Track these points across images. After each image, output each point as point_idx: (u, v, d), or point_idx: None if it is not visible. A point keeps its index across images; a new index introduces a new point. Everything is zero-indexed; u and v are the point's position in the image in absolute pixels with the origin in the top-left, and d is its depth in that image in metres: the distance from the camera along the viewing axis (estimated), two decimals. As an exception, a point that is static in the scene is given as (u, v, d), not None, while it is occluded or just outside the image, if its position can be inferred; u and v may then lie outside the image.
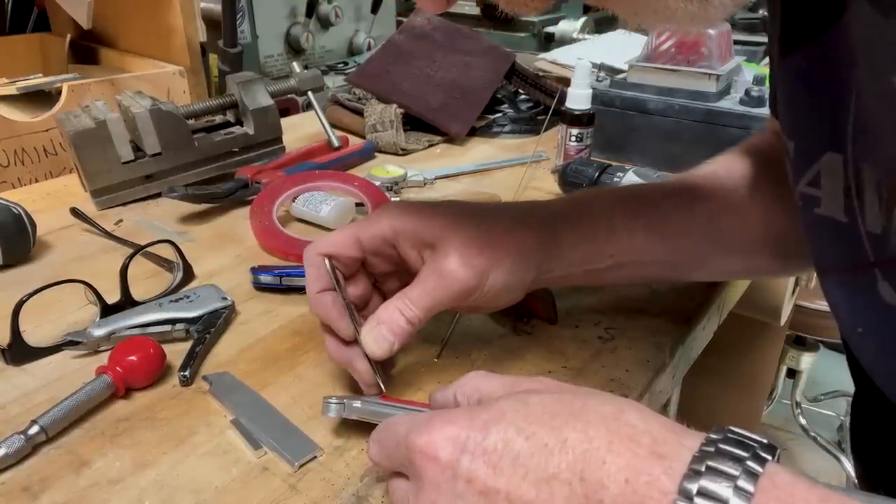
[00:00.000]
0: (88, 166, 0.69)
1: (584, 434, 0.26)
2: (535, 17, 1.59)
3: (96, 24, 0.98)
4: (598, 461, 0.25)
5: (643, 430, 0.26)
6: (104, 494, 0.36)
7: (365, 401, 0.39)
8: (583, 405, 0.27)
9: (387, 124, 0.88)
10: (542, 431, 0.27)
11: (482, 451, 0.27)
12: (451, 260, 0.39)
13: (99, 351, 0.48)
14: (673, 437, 0.25)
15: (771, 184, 0.47)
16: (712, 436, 0.25)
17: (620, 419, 0.26)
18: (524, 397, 0.29)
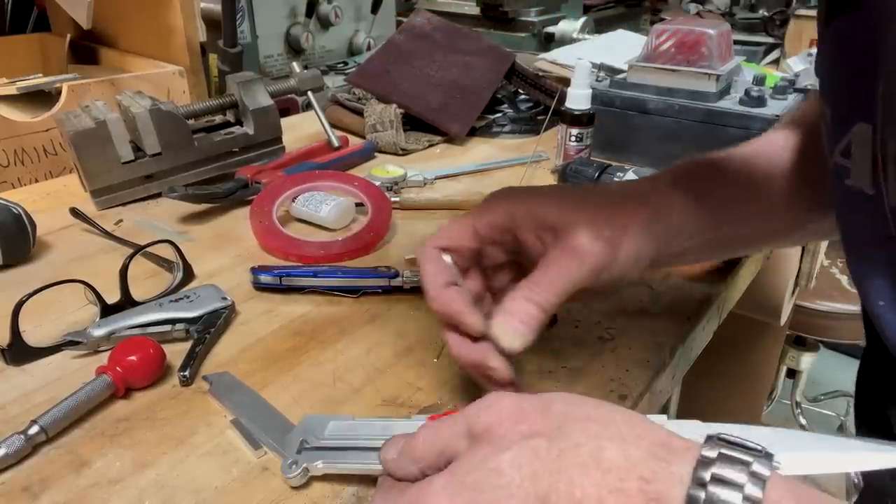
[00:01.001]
0: (88, 166, 0.69)
1: (571, 497, 0.25)
2: (535, 17, 1.59)
3: (96, 24, 0.98)
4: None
5: (627, 470, 0.24)
6: (104, 494, 0.36)
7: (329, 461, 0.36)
8: (559, 454, 0.26)
9: (387, 124, 0.88)
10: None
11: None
12: (582, 235, 0.37)
13: (99, 351, 0.48)
14: (661, 467, 0.24)
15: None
16: (705, 454, 0.24)
17: (601, 462, 0.25)
18: (494, 462, 0.27)
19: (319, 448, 0.37)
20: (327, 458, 0.36)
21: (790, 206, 0.47)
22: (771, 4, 2.03)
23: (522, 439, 0.27)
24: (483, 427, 0.28)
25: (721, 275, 0.59)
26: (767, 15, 1.94)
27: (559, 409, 0.28)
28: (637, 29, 1.79)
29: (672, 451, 0.25)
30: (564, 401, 0.28)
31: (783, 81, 0.79)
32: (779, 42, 1.43)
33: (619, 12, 2.01)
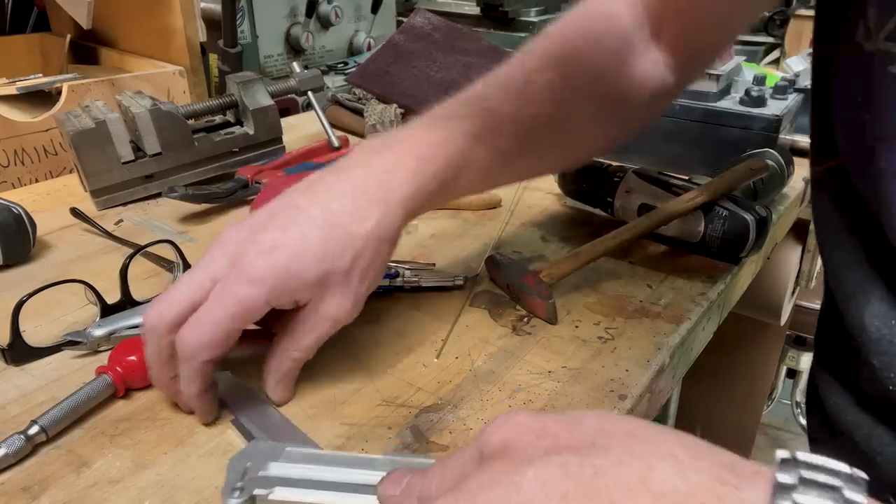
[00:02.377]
0: (88, 166, 0.69)
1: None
2: (535, 17, 1.59)
3: (96, 24, 0.98)
4: None
5: (686, 494, 0.20)
6: (104, 494, 0.36)
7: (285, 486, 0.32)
8: (595, 472, 0.21)
9: (387, 124, 0.88)
10: None
11: None
12: (326, 302, 0.41)
13: (99, 351, 0.48)
14: (729, 493, 0.20)
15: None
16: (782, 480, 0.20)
17: (652, 484, 0.21)
18: (514, 476, 0.22)
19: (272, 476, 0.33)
20: (285, 486, 0.32)
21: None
22: (771, 4, 2.02)
23: (547, 454, 0.23)
24: (498, 444, 0.24)
25: (721, 274, 0.59)
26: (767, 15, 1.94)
27: (591, 424, 0.24)
28: (637, 29, 1.78)
29: (740, 475, 0.21)
30: (597, 416, 0.24)
31: (783, 81, 0.79)
32: (779, 42, 1.43)
33: (619, 12, 2.01)
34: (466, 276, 0.57)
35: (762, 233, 0.58)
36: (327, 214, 0.40)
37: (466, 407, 0.43)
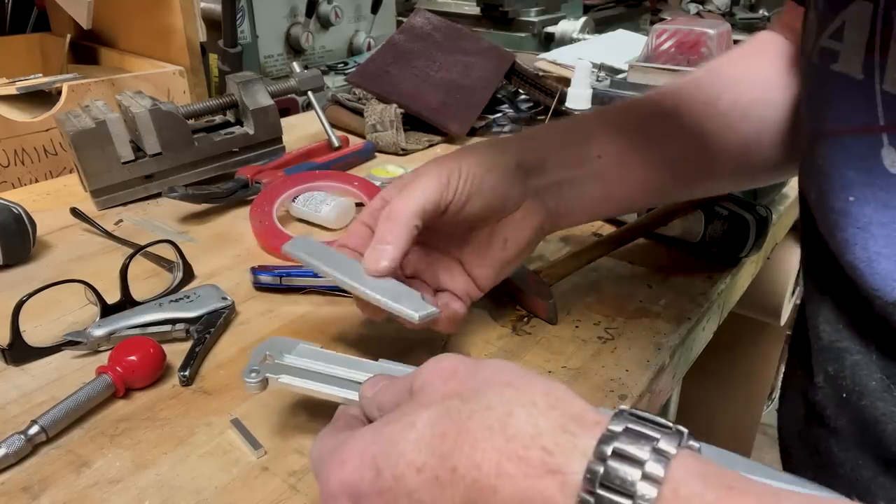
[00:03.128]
0: (88, 166, 0.69)
1: (472, 459, 0.24)
2: (535, 17, 1.59)
3: (96, 24, 0.98)
4: (489, 490, 0.24)
5: (532, 438, 0.24)
6: (104, 494, 0.36)
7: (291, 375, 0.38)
8: (469, 416, 0.26)
9: (387, 124, 0.88)
10: (432, 461, 0.25)
11: (378, 491, 0.27)
12: (423, 166, 0.42)
13: (99, 351, 0.48)
14: (566, 440, 0.24)
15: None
16: (611, 428, 0.23)
17: (508, 428, 0.24)
18: (412, 418, 0.27)
19: (283, 364, 0.38)
20: (290, 374, 0.38)
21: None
22: (771, 4, 2.03)
23: (443, 399, 0.28)
24: (420, 384, 0.29)
25: (721, 274, 0.59)
26: (767, 15, 1.94)
27: (487, 373, 0.28)
28: (637, 29, 1.79)
29: (583, 424, 0.24)
30: (496, 367, 0.28)
31: (783, 81, 0.79)
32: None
33: (619, 12, 2.01)
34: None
35: (762, 233, 0.58)
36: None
37: (466, 407, 0.43)
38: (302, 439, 0.40)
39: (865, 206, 0.34)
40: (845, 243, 0.35)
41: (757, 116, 0.49)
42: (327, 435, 0.32)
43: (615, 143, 0.47)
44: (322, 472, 0.30)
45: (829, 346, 0.39)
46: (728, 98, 0.49)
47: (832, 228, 0.36)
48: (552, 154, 0.46)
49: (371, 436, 0.28)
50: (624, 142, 0.47)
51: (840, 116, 0.36)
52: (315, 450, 0.32)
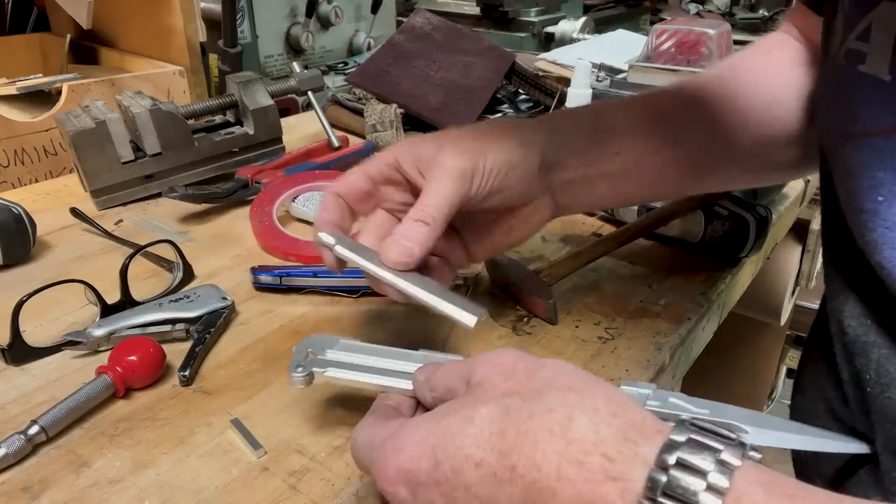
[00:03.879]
0: (88, 166, 0.69)
1: (532, 460, 0.25)
2: (535, 17, 1.59)
3: (96, 24, 0.98)
4: (549, 492, 0.24)
5: (594, 444, 0.24)
6: (104, 494, 0.36)
7: (337, 368, 0.38)
8: (530, 416, 0.26)
9: (387, 124, 0.88)
10: (491, 458, 0.26)
11: (435, 482, 0.27)
12: (446, 153, 0.40)
13: (99, 351, 0.48)
14: (628, 448, 0.24)
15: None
16: (673, 437, 0.23)
17: (569, 432, 0.25)
18: (470, 412, 0.28)
19: (326, 359, 0.38)
20: (335, 368, 0.38)
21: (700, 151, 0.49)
22: (771, 4, 2.03)
23: (502, 396, 0.28)
24: (478, 378, 0.30)
25: (721, 274, 0.59)
26: (767, 15, 1.94)
27: (547, 374, 0.28)
28: (637, 29, 1.79)
29: (644, 433, 0.24)
30: (556, 368, 0.29)
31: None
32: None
33: (619, 12, 2.01)
34: (466, 277, 0.57)
35: (762, 233, 0.58)
36: None
37: (466, 407, 0.43)
38: (302, 439, 0.40)
39: (895, 206, 0.34)
40: (874, 243, 0.35)
41: (774, 116, 0.49)
42: (372, 423, 0.33)
43: (634, 140, 0.47)
44: (376, 458, 0.30)
45: (855, 340, 0.39)
46: (748, 95, 0.49)
47: (861, 229, 0.36)
48: (573, 151, 0.45)
49: (429, 426, 0.29)
50: (642, 140, 0.47)
51: (868, 117, 0.36)
52: (361, 436, 0.32)
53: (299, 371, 0.37)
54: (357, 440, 0.33)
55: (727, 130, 0.49)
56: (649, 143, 0.47)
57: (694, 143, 0.49)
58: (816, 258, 0.99)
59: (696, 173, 0.50)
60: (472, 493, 0.26)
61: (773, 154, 0.51)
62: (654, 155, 0.47)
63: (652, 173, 0.48)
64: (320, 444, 0.40)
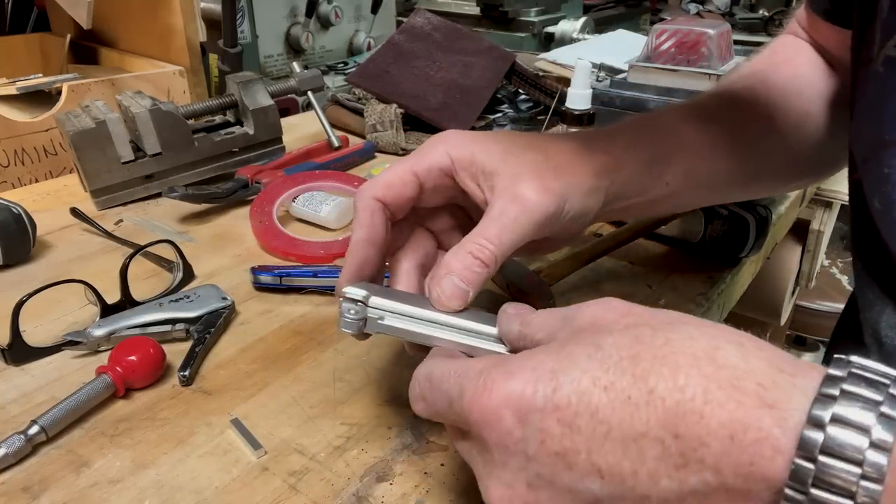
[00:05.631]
0: (88, 166, 0.69)
1: (674, 382, 0.22)
2: (535, 17, 1.59)
3: (96, 24, 0.98)
4: (695, 414, 0.21)
5: (745, 372, 0.22)
6: (104, 494, 0.36)
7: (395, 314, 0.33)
8: (666, 342, 0.23)
9: (387, 124, 0.88)
10: (623, 381, 0.23)
11: (553, 407, 0.24)
12: (528, 186, 0.35)
13: (99, 351, 0.48)
14: (783, 378, 0.22)
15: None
16: (833, 372, 0.21)
17: (716, 359, 0.22)
18: (595, 339, 0.25)
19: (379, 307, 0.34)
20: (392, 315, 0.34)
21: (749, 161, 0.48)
22: (771, 4, 2.03)
23: (627, 328, 0.25)
24: (589, 318, 0.27)
25: (721, 274, 0.59)
26: (767, 15, 1.94)
27: (672, 315, 0.26)
28: (637, 29, 1.79)
29: (797, 366, 0.22)
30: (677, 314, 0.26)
31: (783, 81, 0.79)
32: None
33: (619, 12, 2.01)
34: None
35: (762, 233, 0.58)
36: None
37: (466, 407, 0.43)
38: (302, 439, 0.40)
39: None
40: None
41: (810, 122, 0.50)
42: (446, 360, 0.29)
43: (686, 170, 0.44)
44: (473, 385, 0.26)
45: (894, 350, 0.38)
46: (789, 104, 0.49)
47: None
48: (634, 190, 0.41)
49: (545, 354, 0.25)
50: (695, 168, 0.44)
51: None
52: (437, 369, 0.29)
53: (352, 314, 0.33)
54: (433, 372, 0.29)
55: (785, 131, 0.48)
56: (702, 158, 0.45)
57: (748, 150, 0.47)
58: (816, 258, 0.99)
59: (743, 183, 0.49)
60: (599, 419, 0.23)
61: (808, 158, 0.52)
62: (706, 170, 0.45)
63: (700, 188, 0.46)
64: (320, 444, 0.40)
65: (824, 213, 1.06)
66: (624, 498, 0.23)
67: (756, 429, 0.20)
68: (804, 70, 0.52)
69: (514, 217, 0.34)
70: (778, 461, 0.20)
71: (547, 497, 0.24)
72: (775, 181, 0.54)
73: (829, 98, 0.50)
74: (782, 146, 0.49)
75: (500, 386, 0.25)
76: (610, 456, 0.23)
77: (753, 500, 0.21)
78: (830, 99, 0.50)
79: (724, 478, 0.21)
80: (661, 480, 0.22)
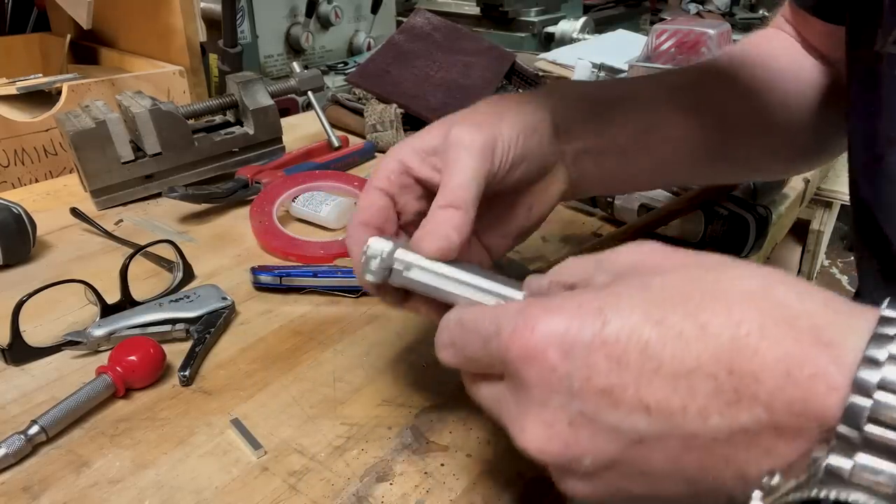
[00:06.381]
0: (88, 166, 0.69)
1: (728, 317, 0.21)
2: (535, 17, 1.59)
3: (96, 24, 0.98)
4: (749, 350, 0.21)
5: (800, 311, 0.21)
6: (104, 494, 0.36)
7: (422, 269, 0.33)
8: (716, 280, 0.23)
9: (387, 124, 0.88)
10: (675, 316, 0.22)
11: (601, 343, 0.23)
12: (458, 129, 0.36)
13: (99, 351, 0.48)
14: (839, 318, 0.21)
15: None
16: (888, 314, 0.21)
17: (770, 297, 0.22)
18: (642, 280, 0.24)
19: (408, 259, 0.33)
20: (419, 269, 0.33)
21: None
22: (771, 4, 2.03)
23: (674, 269, 0.24)
24: (629, 263, 0.26)
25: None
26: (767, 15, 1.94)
27: (717, 256, 0.25)
28: (637, 29, 1.79)
29: (852, 308, 0.22)
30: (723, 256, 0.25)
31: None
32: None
33: (619, 12, 2.01)
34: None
35: (762, 233, 0.58)
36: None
37: (467, 407, 0.43)
38: (302, 439, 0.40)
39: None
40: None
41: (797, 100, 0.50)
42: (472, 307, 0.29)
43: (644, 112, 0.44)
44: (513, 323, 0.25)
45: None
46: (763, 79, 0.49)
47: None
48: (583, 118, 0.42)
49: (589, 293, 0.25)
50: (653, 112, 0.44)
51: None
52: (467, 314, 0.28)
53: (376, 262, 0.33)
54: (463, 317, 0.28)
55: (759, 106, 0.48)
56: (662, 115, 0.45)
57: (716, 120, 0.47)
58: (816, 258, 0.99)
59: (709, 157, 0.48)
60: (649, 355, 0.22)
61: (790, 144, 0.51)
62: (668, 129, 0.45)
63: (663, 151, 0.45)
64: (320, 444, 0.40)
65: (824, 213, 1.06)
66: (670, 437, 0.22)
67: (812, 365, 0.20)
68: (784, 53, 0.51)
69: (457, 159, 0.35)
70: (832, 398, 0.20)
71: (588, 436, 0.23)
72: (749, 162, 0.52)
73: (814, 86, 0.50)
74: (756, 123, 0.48)
75: (544, 321, 0.24)
76: (659, 392, 0.22)
77: (803, 438, 0.20)
78: (815, 87, 0.50)
79: (776, 415, 0.20)
80: (712, 417, 0.21)
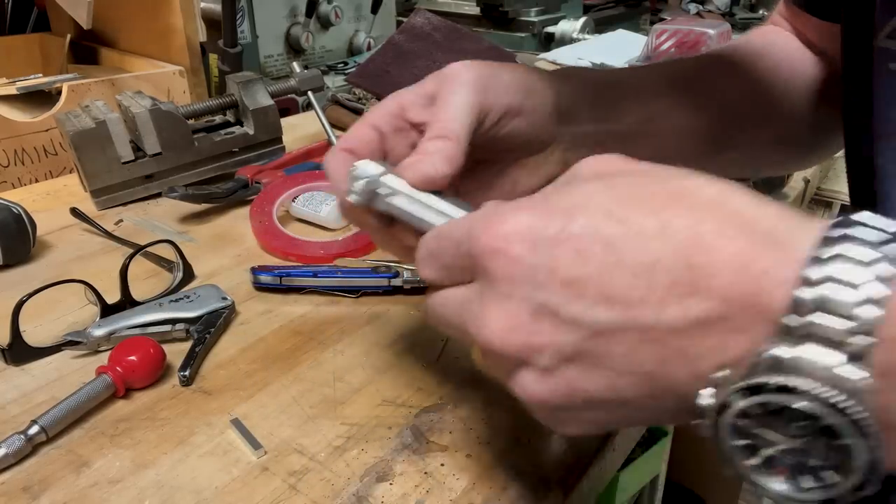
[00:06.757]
0: (88, 166, 0.69)
1: (686, 219, 0.22)
2: (535, 17, 1.59)
3: (96, 24, 0.98)
4: (706, 248, 0.22)
5: (756, 216, 0.22)
6: (104, 494, 0.36)
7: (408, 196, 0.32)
8: (680, 186, 0.24)
9: (387, 124, 0.88)
10: (638, 215, 0.23)
11: (566, 237, 0.24)
12: (455, 64, 0.37)
13: (99, 351, 0.48)
14: (791, 223, 0.22)
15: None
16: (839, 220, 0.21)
17: (728, 203, 0.23)
18: (608, 180, 0.25)
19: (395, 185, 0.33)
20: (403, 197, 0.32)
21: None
22: (771, 4, 2.03)
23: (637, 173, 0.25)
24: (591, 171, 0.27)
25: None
26: (767, 15, 1.94)
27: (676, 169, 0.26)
28: (637, 29, 1.79)
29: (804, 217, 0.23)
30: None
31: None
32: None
33: (619, 12, 2.01)
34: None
35: (762, 233, 0.58)
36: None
37: (467, 407, 0.43)
38: (302, 439, 0.40)
39: None
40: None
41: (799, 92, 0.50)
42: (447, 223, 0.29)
43: (648, 100, 0.44)
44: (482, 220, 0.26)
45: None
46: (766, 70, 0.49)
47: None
48: (586, 103, 0.42)
49: (556, 194, 0.26)
50: (657, 101, 0.45)
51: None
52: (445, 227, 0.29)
53: (361, 184, 0.32)
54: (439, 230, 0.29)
55: (760, 96, 0.48)
56: (665, 104, 0.45)
57: (719, 109, 0.47)
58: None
59: (711, 147, 0.48)
60: (612, 249, 0.23)
61: (795, 135, 0.51)
62: (670, 117, 0.45)
63: (664, 139, 0.45)
64: (320, 444, 0.40)
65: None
66: (629, 328, 0.23)
67: (764, 262, 0.21)
68: (783, 47, 0.52)
69: (451, 90, 0.36)
70: (780, 291, 0.21)
71: (550, 328, 0.24)
72: (751, 152, 0.52)
73: (813, 79, 0.50)
74: (758, 113, 0.49)
75: (512, 216, 0.25)
76: (620, 284, 0.23)
77: (753, 332, 0.21)
78: (814, 80, 0.50)
79: (730, 307, 0.21)
80: (669, 308, 0.22)
